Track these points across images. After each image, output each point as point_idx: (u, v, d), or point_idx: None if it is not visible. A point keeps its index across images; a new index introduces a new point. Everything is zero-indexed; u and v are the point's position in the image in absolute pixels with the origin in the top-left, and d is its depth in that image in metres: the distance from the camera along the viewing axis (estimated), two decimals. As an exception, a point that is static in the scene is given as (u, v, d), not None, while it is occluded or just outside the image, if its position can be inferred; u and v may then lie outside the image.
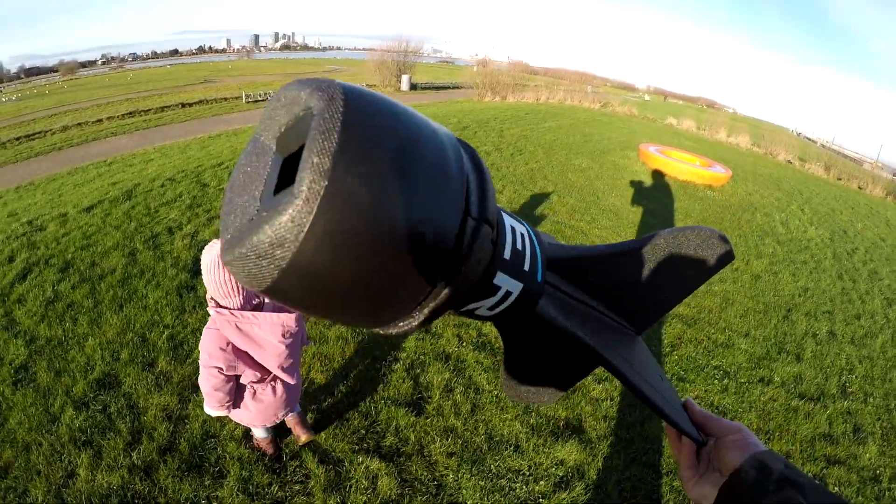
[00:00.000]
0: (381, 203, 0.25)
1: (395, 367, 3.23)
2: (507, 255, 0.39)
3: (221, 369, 1.86)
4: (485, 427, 2.88)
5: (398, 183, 0.26)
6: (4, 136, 18.16)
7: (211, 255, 1.71)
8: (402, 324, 0.34)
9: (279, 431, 2.60)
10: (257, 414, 2.12)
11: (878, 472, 3.09)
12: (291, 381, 2.04)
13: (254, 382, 2.01)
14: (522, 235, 0.42)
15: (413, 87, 28.84)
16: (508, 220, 0.41)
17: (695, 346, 4.04)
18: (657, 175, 10.10)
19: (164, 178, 6.60)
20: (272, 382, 2.07)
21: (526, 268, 0.41)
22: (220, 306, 1.78)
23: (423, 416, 2.89)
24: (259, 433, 2.47)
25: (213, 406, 2.00)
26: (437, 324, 3.74)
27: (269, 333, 1.84)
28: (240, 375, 1.96)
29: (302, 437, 2.54)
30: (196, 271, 4.05)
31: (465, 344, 3.54)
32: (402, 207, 0.26)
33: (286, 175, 0.27)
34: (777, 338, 4.49)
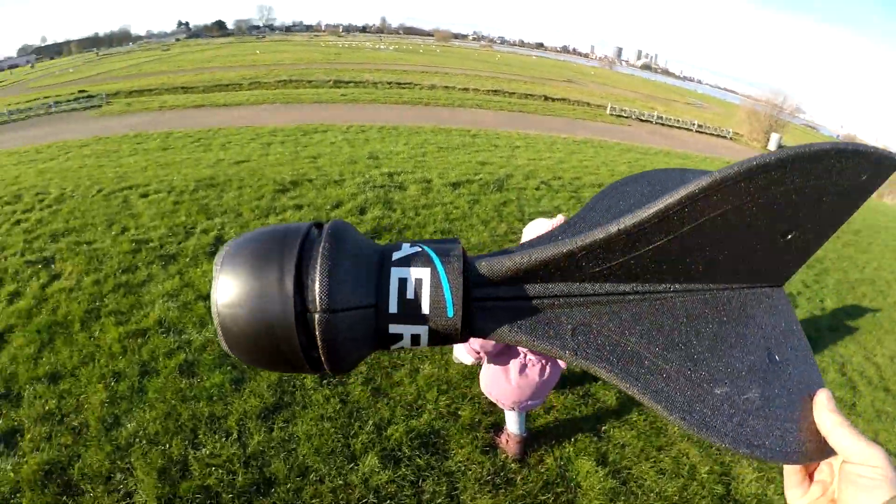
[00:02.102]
0: (232, 311, 0.34)
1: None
2: (392, 309, 0.39)
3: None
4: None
5: (238, 295, 0.34)
6: (377, 78, 20.84)
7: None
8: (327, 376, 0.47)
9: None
10: (515, 389, 1.98)
11: None
12: (562, 364, 1.97)
13: (525, 356, 1.93)
14: (419, 281, 0.40)
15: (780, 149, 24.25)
16: (397, 274, 0.40)
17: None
18: None
19: (539, 178, 5.85)
20: (543, 360, 1.92)
21: (425, 311, 0.39)
22: None
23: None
24: (512, 426, 2.24)
25: (464, 353, 1.98)
26: None
27: None
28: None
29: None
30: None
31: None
32: (243, 312, 0.34)
33: None
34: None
